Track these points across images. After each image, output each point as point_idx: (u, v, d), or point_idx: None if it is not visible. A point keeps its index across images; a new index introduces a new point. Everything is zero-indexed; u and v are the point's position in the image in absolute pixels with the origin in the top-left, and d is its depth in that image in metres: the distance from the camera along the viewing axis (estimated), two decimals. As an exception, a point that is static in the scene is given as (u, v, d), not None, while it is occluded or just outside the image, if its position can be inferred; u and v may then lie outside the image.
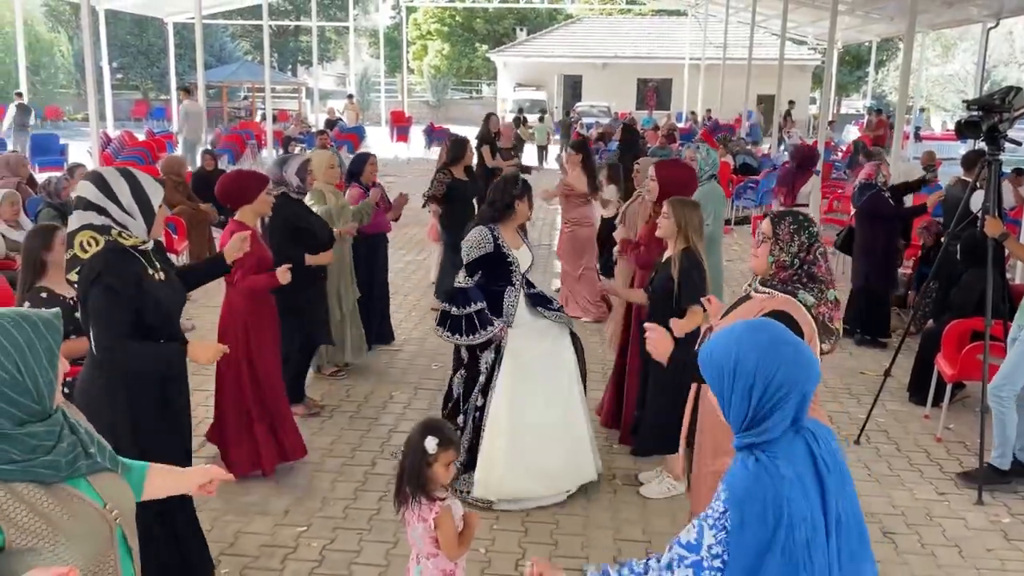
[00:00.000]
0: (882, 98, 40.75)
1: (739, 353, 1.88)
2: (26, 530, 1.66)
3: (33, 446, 1.69)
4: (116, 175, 3.02)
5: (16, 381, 1.67)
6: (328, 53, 47.86)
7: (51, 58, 32.09)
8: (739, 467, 1.89)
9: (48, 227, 4.31)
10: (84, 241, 2.97)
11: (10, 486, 1.67)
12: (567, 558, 4.02)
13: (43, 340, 1.71)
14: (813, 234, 2.92)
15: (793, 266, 2.88)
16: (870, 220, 7.32)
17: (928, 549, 4.21)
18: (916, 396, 6.07)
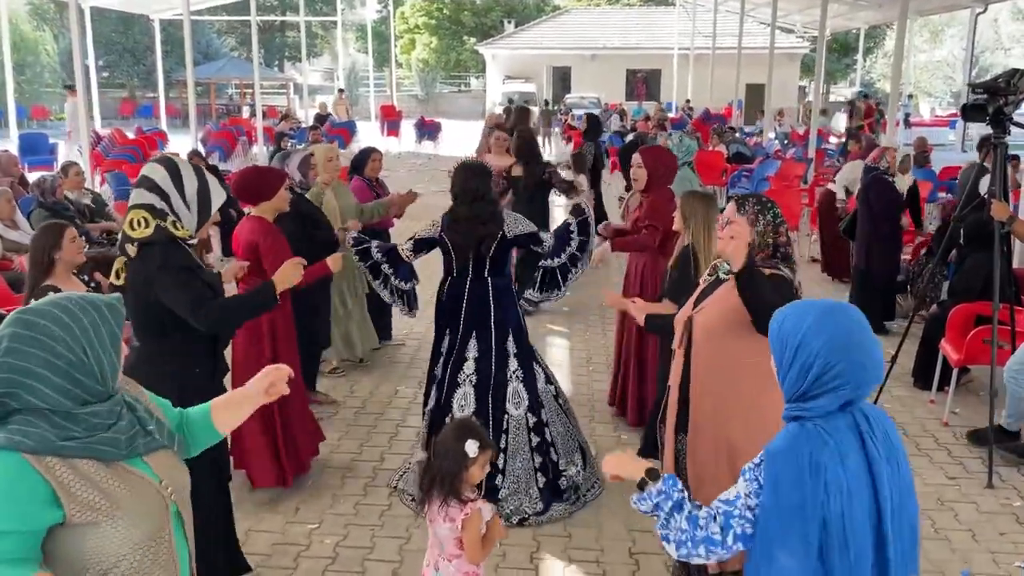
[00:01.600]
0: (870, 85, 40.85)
1: (807, 334, 1.90)
2: (87, 505, 1.70)
3: (94, 424, 1.73)
4: (190, 169, 3.09)
5: (82, 363, 1.71)
6: (315, 48, 47.61)
7: (36, 57, 31.78)
8: (783, 432, 1.95)
9: (58, 225, 4.35)
10: (136, 219, 3.01)
11: (71, 462, 1.70)
12: (581, 550, 4.00)
13: (107, 324, 1.77)
14: (777, 214, 2.94)
15: (768, 246, 2.89)
16: (871, 204, 7.30)
17: (942, 534, 4.21)
18: (921, 381, 6.08)
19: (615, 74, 36.73)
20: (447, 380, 4.37)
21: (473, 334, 4.37)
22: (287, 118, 21.56)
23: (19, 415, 1.68)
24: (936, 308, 6.23)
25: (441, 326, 4.50)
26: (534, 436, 4.34)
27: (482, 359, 4.34)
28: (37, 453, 1.67)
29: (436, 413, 4.40)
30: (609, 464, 2.19)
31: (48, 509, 1.67)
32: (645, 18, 38.81)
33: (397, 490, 4.51)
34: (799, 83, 37.30)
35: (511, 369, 4.37)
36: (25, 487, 1.65)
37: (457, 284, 4.42)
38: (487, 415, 4.28)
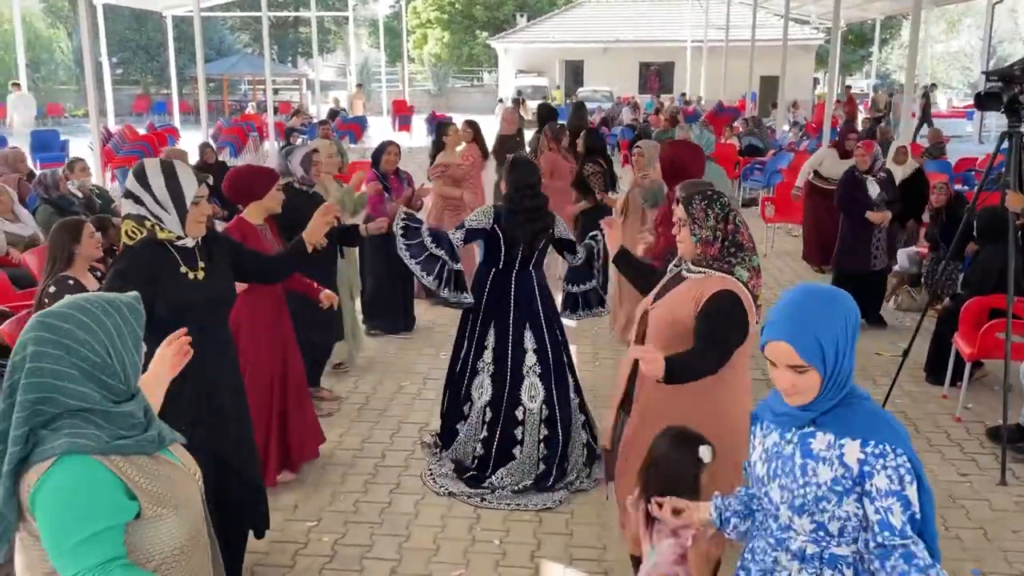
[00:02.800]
0: (886, 76, 40.46)
1: (847, 319, 1.94)
2: (156, 498, 1.75)
3: (133, 423, 1.77)
4: (155, 166, 2.99)
5: (107, 364, 1.74)
6: (328, 44, 47.65)
7: (50, 55, 31.97)
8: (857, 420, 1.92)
9: (76, 221, 4.52)
10: (128, 230, 2.98)
11: (130, 459, 1.74)
12: (583, 548, 3.94)
13: (128, 324, 1.80)
14: (725, 204, 2.96)
15: (717, 239, 2.91)
16: (840, 202, 7.24)
17: (953, 532, 4.12)
18: (933, 376, 5.97)
19: (628, 67, 36.52)
20: (510, 373, 4.43)
21: (527, 325, 4.46)
22: (298, 114, 21.57)
23: (64, 420, 1.70)
24: (949, 301, 6.12)
25: (486, 317, 4.51)
26: (581, 416, 4.64)
27: (540, 350, 4.47)
28: (101, 453, 1.70)
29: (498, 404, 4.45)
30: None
31: (128, 502, 1.71)
32: (658, 11, 38.56)
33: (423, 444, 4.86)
34: (814, 75, 36.96)
35: (564, 360, 4.56)
36: (109, 484, 1.69)
37: (502, 276, 4.48)
38: (553, 404, 4.43)
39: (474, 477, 4.43)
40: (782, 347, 1.91)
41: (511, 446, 4.40)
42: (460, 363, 4.62)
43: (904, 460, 1.87)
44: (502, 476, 4.38)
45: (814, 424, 1.97)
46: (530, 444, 4.40)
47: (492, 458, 4.43)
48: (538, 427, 4.42)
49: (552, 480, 4.40)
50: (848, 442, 1.90)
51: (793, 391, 1.94)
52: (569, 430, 4.50)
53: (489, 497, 4.33)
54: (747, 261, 2.93)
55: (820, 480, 1.93)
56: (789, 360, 1.91)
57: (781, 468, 2.00)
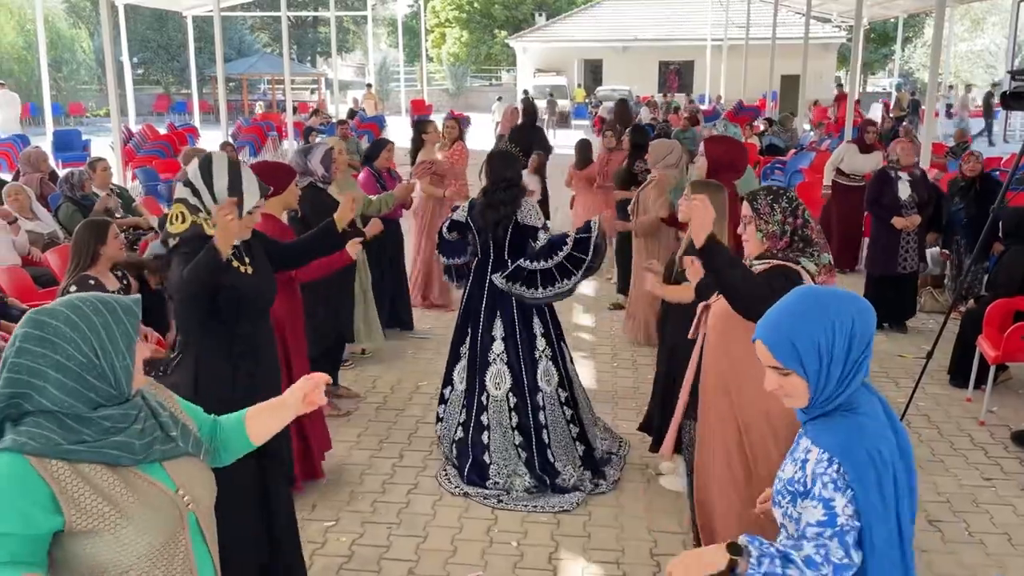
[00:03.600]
0: (909, 75, 40.07)
1: (836, 323, 1.85)
2: (89, 512, 1.65)
3: (106, 428, 1.69)
4: (222, 162, 2.97)
5: (93, 365, 1.68)
6: (347, 44, 47.80)
7: (72, 54, 32.23)
8: (824, 430, 1.88)
9: (104, 222, 4.58)
10: (175, 214, 2.96)
11: (76, 467, 1.66)
12: (601, 550, 3.91)
13: (121, 325, 1.72)
14: (792, 198, 2.91)
15: (785, 234, 2.86)
16: (868, 202, 7.14)
17: (976, 537, 4.06)
18: (957, 379, 5.89)
19: (647, 66, 36.37)
20: (478, 359, 4.52)
21: (498, 313, 4.52)
22: (317, 113, 21.64)
23: (31, 417, 1.65)
24: (974, 303, 6.04)
25: (466, 305, 4.64)
26: (567, 409, 4.56)
27: (509, 338, 4.50)
28: (42, 456, 1.62)
29: (470, 389, 4.57)
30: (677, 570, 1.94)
31: (48, 514, 1.62)
32: (677, 9, 38.35)
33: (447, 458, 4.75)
34: (835, 73, 36.66)
35: (540, 348, 4.53)
36: (26, 490, 1.60)
37: (481, 265, 4.58)
38: (522, 392, 4.45)
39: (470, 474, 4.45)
40: (759, 346, 1.92)
41: (480, 432, 4.48)
42: (450, 348, 4.75)
43: (837, 472, 1.81)
44: (500, 474, 4.40)
45: (809, 425, 1.96)
46: (498, 430, 4.45)
47: (469, 444, 4.49)
48: (507, 415, 4.45)
49: (539, 468, 4.39)
50: (814, 450, 1.88)
51: (780, 393, 1.93)
52: (547, 420, 4.47)
53: (505, 499, 4.32)
54: (815, 257, 2.87)
55: (784, 475, 1.96)
56: (767, 360, 1.90)
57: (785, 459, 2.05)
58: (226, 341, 3.04)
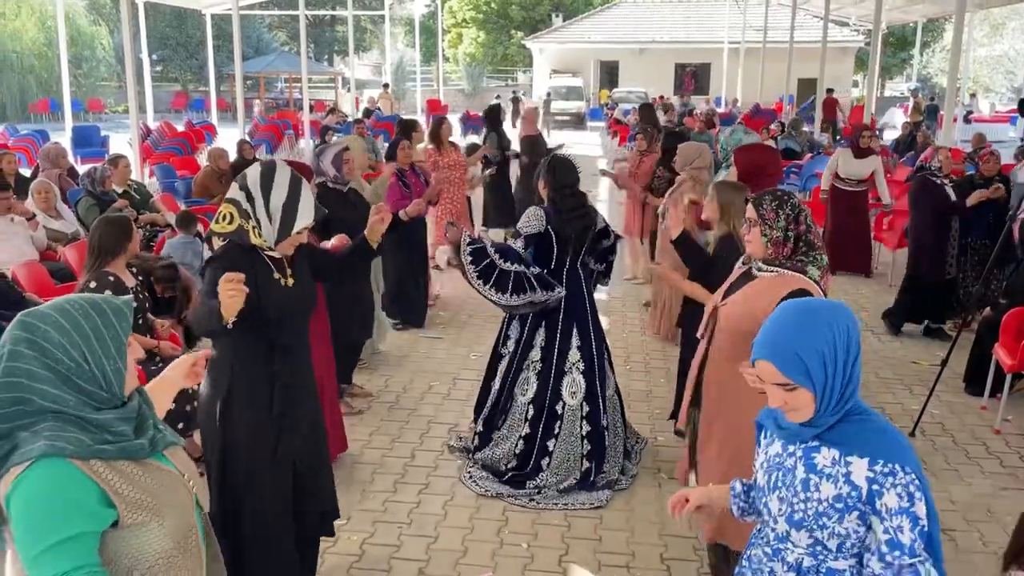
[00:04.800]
0: (927, 80, 39.80)
1: (834, 329, 1.87)
2: (137, 505, 1.69)
3: (119, 432, 1.71)
4: (285, 176, 2.91)
5: (82, 369, 1.67)
6: (364, 43, 47.94)
7: (92, 51, 32.49)
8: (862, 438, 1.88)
9: (126, 219, 4.63)
10: (224, 213, 2.92)
11: (112, 464, 1.68)
12: (612, 554, 3.91)
13: (111, 328, 1.72)
14: (796, 205, 2.96)
15: (788, 239, 2.92)
16: (916, 205, 7.08)
17: (990, 547, 4.03)
18: (972, 387, 5.85)
19: (664, 68, 36.30)
20: (554, 369, 4.46)
21: (574, 321, 4.50)
22: (334, 112, 21.70)
23: (46, 422, 1.65)
24: (990, 310, 5.99)
25: (536, 316, 4.51)
26: (620, 412, 4.71)
27: (584, 346, 4.50)
28: (80, 458, 1.64)
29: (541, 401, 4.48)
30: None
31: (107, 509, 1.65)
32: (695, 11, 38.29)
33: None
34: (853, 77, 36.46)
35: (604, 355, 4.61)
36: (84, 489, 1.63)
37: (553, 275, 4.47)
38: (596, 399, 4.46)
39: (515, 479, 4.44)
40: (765, 366, 1.90)
41: (547, 440, 4.44)
42: (504, 360, 4.63)
43: (913, 478, 1.82)
44: (546, 476, 4.40)
45: (818, 439, 1.93)
46: (568, 439, 4.42)
47: (533, 454, 4.44)
48: (579, 423, 4.44)
49: (594, 475, 4.42)
50: (855, 460, 1.86)
51: (787, 408, 1.92)
52: (609, 426, 4.51)
53: (537, 497, 4.34)
54: (818, 260, 2.95)
55: (822, 496, 1.89)
56: (774, 378, 1.89)
57: (782, 480, 1.97)
58: (264, 353, 2.96)
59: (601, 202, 14.08)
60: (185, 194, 10.06)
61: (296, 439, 3.05)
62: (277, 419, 2.97)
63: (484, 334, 6.87)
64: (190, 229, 6.81)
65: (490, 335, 5.80)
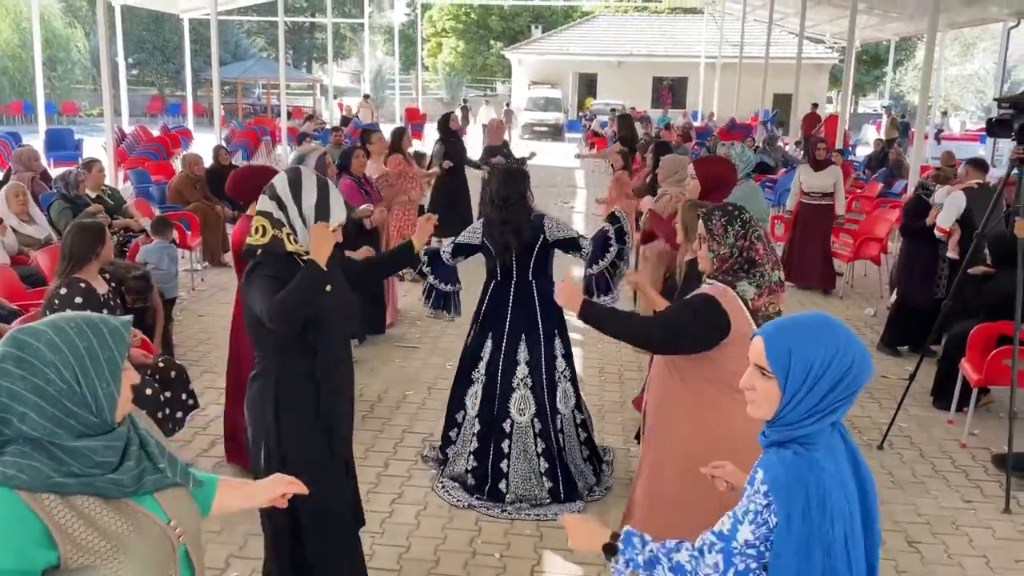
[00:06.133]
0: (900, 98, 40.40)
1: (837, 355, 1.82)
2: (84, 547, 1.57)
3: (96, 462, 1.60)
4: (312, 179, 2.93)
5: (73, 391, 1.57)
6: (343, 50, 47.88)
7: (67, 53, 32.18)
8: (777, 461, 1.83)
9: (99, 225, 4.57)
10: (257, 226, 2.92)
11: (69, 500, 1.58)
12: (584, 564, 3.93)
13: (106, 350, 1.62)
14: (746, 221, 2.96)
15: (732, 256, 2.93)
16: (907, 230, 7.17)
17: (955, 560, 4.10)
18: (940, 401, 5.95)
19: (641, 81, 36.58)
20: (499, 384, 4.43)
21: (522, 336, 4.44)
22: (312, 119, 21.66)
23: (14, 446, 1.56)
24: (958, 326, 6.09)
25: (484, 329, 4.52)
26: (581, 432, 4.64)
27: (533, 362, 4.43)
28: (32, 490, 1.54)
29: (487, 416, 4.46)
30: (570, 530, 2.11)
31: (43, 550, 1.54)
32: (672, 26, 38.65)
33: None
34: (827, 94, 36.94)
35: (559, 370, 4.51)
36: (20, 524, 1.53)
37: (501, 287, 4.46)
38: (545, 417, 4.42)
39: (483, 496, 4.44)
40: (756, 342, 1.90)
41: (499, 459, 4.42)
42: (459, 372, 4.65)
43: (762, 492, 1.81)
44: (512, 490, 4.39)
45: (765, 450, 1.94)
46: (521, 459, 4.40)
47: (488, 474, 4.44)
48: (532, 441, 4.41)
49: (564, 494, 4.41)
50: (759, 472, 1.87)
51: (751, 394, 1.90)
52: (565, 445, 4.50)
53: (510, 508, 4.35)
54: (759, 277, 2.91)
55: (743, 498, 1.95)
56: (758, 358, 1.88)
57: None
58: (308, 362, 2.96)
59: (578, 212, 14.18)
60: (160, 199, 10.00)
61: (344, 445, 3.15)
62: (325, 423, 3.01)
63: (460, 344, 6.86)
64: (166, 235, 6.77)
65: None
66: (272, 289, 2.80)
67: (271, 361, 2.98)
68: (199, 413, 5.07)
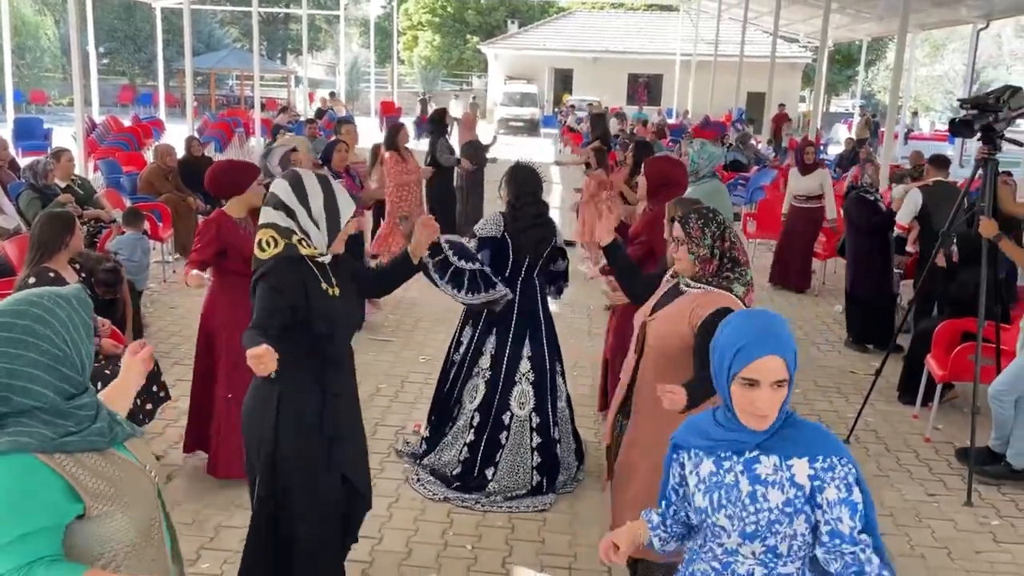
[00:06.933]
0: (871, 97, 40.87)
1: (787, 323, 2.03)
2: (101, 496, 1.74)
3: (83, 417, 1.77)
4: (314, 181, 2.91)
5: (66, 356, 1.74)
6: (318, 42, 47.54)
7: (36, 41, 31.68)
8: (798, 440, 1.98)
9: (70, 215, 4.55)
10: (264, 240, 2.87)
11: (76, 457, 1.73)
12: (554, 555, 3.97)
13: (79, 315, 1.80)
14: (720, 222, 3.01)
15: (715, 256, 2.96)
16: (852, 226, 7.31)
17: (918, 551, 4.18)
18: (905, 396, 6.05)
19: (617, 78, 36.68)
20: (502, 378, 4.45)
21: (527, 332, 4.49)
22: (286, 111, 21.51)
23: (10, 418, 1.69)
24: (924, 322, 6.21)
25: (488, 325, 4.51)
26: (570, 424, 4.73)
27: (536, 357, 4.50)
28: (45, 452, 1.69)
29: (487, 409, 4.49)
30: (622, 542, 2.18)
31: (71, 503, 1.70)
32: (648, 23, 38.78)
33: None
34: (800, 93, 37.28)
35: (557, 369, 4.61)
36: (48, 483, 1.68)
37: (508, 283, 4.46)
38: (546, 411, 4.48)
39: (462, 487, 4.45)
40: (776, 362, 1.91)
41: (495, 451, 4.45)
42: (455, 367, 4.63)
43: (851, 468, 1.94)
44: (494, 487, 4.41)
45: (758, 448, 1.97)
46: (516, 451, 4.44)
47: (477, 463, 4.47)
48: (528, 434, 4.46)
49: (545, 486, 4.47)
50: (796, 461, 1.94)
51: (772, 412, 1.94)
52: (561, 439, 4.56)
53: (483, 500, 4.38)
54: (743, 276, 3.00)
55: (772, 504, 1.94)
56: (778, 375, 1.91)
57: (726, 497, 1.98)
58: (313, 365, 2.93)
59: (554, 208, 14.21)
60: (131, 190, 9.89)
61: (344, 452, 3.04)
62: (327, 432, 2.95)
63: (433, 337, 6.90)
64: (138, 226, 6.72)
65: (440, 338, 5.83)
66: (271, 303, 2.77)
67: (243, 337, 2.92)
68: (170, 405, 5.05)
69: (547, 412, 4.48)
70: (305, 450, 2.94)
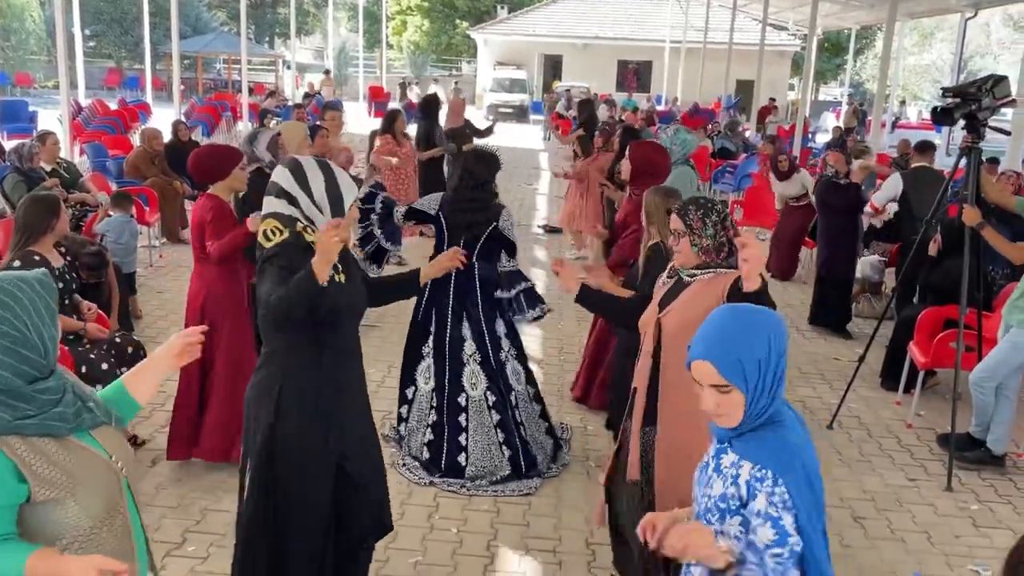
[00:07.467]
0: (859, 86, 40.93)
1: (771, 338, 1.94)
2: (48, 481, 1.75)
3: (44, 401, 1.78)
4: (314, 166, 2.87)
5: (27, 338, 1.75)
6: (306, 26, 47.18)
7: (21, 23, 31.34)
8: (760, 444, 1.93)
9: (53, 198, 4.50)
10: (269, 229, 2.82)
11: (28, 441, 1.75)
12: (539, 539, 4.00)
13: (42, 298, 1.80)
14: (720, 211, 2.98)
15: (722, 246, 2.92)
16: (825, 208, 7.42)
17: (898, 535, 4.24)
18: (888, 382, 6.11)
19: (606, 64, 36.61)
20: (449, 359, 4.49)
21: (464, 315, 4.50)
22: (273, 95, 21.38)
23: None
24: (907, 310, 6.26)
25: (429, 304, 4.56)
26: (536, 405, 4.72)
27: (477, 339, 4.51)
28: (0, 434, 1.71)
29: (442, 390, 4.52)
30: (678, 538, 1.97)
31: (18, 484, 1.72)
32: (638, 9, 38.66)
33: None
34: (789, 80, 37.31)
35: (504, 349, 4.59)
36: None
37: None
38: (498, 391, 4.50)
39: (443, 474, 4.48)
40: (704, 366, 1.93)
41: (458, 433, 4.48)
42: (408, 346, 4.70)
43: (783, 492, 1.87)
44: (472, 472, 4.44)
45: (729, 442, 2.00)
46: (479, 431, 4.47)
47: (444, 446, 4.50)
48: (487, 413, 4.49)
49: (526, 466, 4.49)
50: (745, 464, 1.93)
51: (717, 411, 1.95)
52: (524, 420, 4.59)
53: (470, 485, 4.41)
54: None
55: (712, 492, 1.98)
56: (711, 379, 1.92)
57: (700, 475, 2.09)
58: (316, 353, 2.87)
59: (541, 195, 14.22)
60: (117, 174, 9.83)
61: (344, 442, 2.96)
62: (326, 420, 2.90)
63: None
64: (126, 208, 6.69)
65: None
66: (284, 281, 2.68)
67: (279, 353, 2.87)
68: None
69: (499, 391, 4.50)
70: (301, 440, 2.88)
